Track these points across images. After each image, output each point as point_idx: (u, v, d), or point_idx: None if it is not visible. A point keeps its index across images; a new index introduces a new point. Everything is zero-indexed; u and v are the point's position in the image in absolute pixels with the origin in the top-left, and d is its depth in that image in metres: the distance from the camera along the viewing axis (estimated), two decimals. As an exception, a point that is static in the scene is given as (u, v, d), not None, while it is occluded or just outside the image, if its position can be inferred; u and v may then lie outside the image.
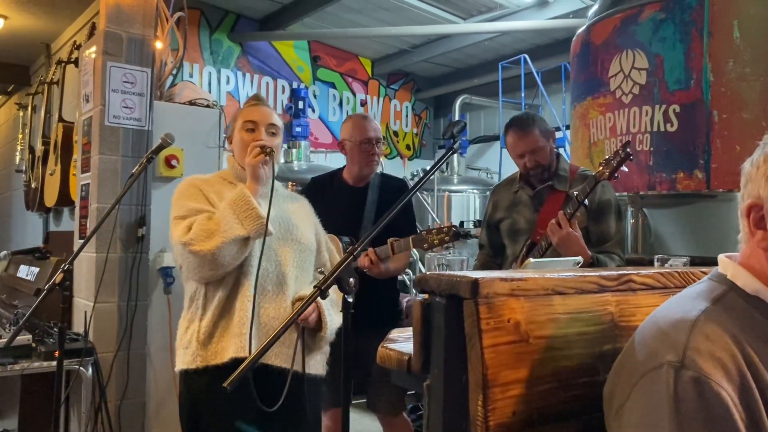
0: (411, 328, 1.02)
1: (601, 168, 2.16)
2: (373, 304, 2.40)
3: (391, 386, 2.43)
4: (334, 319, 1.95)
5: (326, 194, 2.78)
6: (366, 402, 2.71)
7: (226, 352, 1.79)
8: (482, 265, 2.68)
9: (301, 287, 1.98)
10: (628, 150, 2.12)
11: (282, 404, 1.81)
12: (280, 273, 1.92)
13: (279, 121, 2.03)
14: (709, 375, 0.78)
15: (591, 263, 2.20)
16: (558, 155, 2.52)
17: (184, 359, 1.86)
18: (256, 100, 2.05)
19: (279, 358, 1.86)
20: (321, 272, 1.66)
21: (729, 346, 0.81)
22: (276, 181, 2.00)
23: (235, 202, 1.80)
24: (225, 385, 1.22)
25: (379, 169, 2.86)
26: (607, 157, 2.17)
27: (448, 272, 1.01)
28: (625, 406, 0.85)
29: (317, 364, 2.01)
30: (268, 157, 1.87)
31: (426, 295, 1.00)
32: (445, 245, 2.30)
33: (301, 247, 2.00)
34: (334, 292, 1.90)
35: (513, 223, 2.52)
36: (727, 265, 0.93)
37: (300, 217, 2.08)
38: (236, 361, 1.73)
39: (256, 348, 1.72)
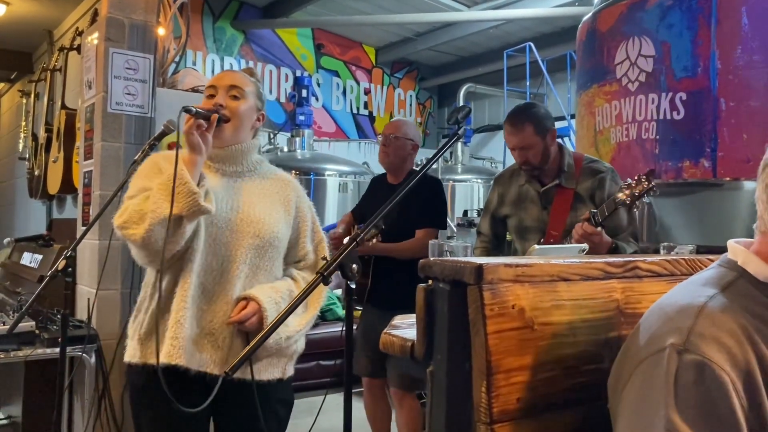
0: (414, 315, 1.01)
1: (622, 194, 2.06)
2: (399, 284, 2.62)
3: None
4: (289, 325, 1.76)
5: (373, 190, 3.21)
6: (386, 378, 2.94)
7: (163, 355, 1.62)
8: (485, 254, 2.66)
9: (254, 286, 1.75)
10: (653, 184, 2.01)
11: (231, 414, 1.72)
12: (226, 271, 1.71)
13: (247, 83, 1.79)
14: (712, 359, 0.77)
15: (613, 248, 2.17)
16: (561, 148, 2.45)
17: (128, 351, 1.73)
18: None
19: (217, 365, 1.67)
20: (324, 259, 1.59)
21: (736, 332, 0.80)
22: (257, 155, 1.86)
23: (168, 177, 1.58)
24: (227, 371, 1.20)
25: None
26: (629, 181, 2.07)
27: (452, 258, 1.00)
28: (626, 388, 0.84)
29: (272, 369, 1.79)
30: (202, 121, 1.63)
31: (429, 281, 0.99)
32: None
33: (260, 242, 1.74)
34: (302, 306, 1.75)
35: (521, 221, 2.49)
36: (737, 251, 0.91)
37: (270, 203, 1.82)
38: (168, 367, 1.60)
39: (184, 355, 1.61)
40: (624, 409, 0.84)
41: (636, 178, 2.05)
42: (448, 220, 7.58)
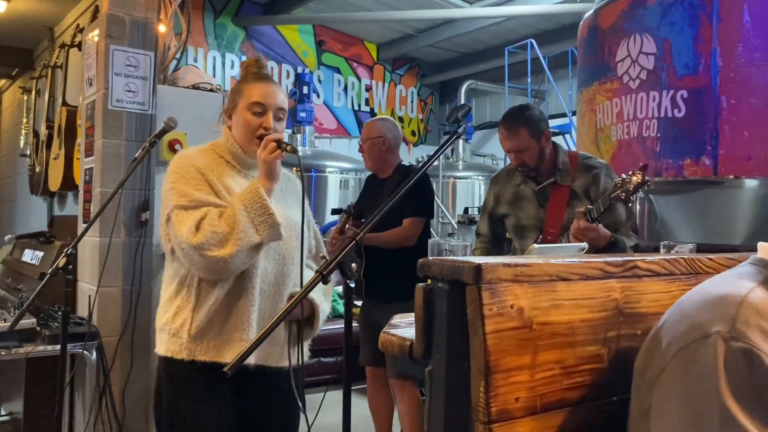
0: (413, 314, 1.02)
1: (617, 190, 2.06)
2: (392, 277, 2.77)
3: None
4: (325, 309, 1.91)
5: (367, 187, 3.32)
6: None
7: (223, 355, 1.73)
8: (485, 254, 2.67)
9: (297, 283, 1.89)
10: (647, 178, 2.02)
11: (274, 401, 1.84)
12: (280, 272, 1.83)
13: (286, 102, 1.90)
14: (759, 346, 0.78)
15: (613, 242, 2.17)
16: (555, 146, 2.47)
17: (170, 347, 1.76)
18: (262, 72, 1.90)
19: (272, 357, 1.81)
20: (323, 257, 1.62)
21: None
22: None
23: (250, 203, 1.68)
24: (226, 370, 1.21)
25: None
26: (623, 176, 2.08)
27: (450, 257, 1.00)
28: (663, 376, 0.84)
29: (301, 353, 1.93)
30: (284, 153, 1.75)
31: (428, 281, 0.99)
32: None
33: (297, 243, 1.86)
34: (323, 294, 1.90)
35: (518, 220, 2.51)
36: None
37: (294, 204, 1.94)
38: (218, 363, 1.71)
39: (254, 354, 1.69)
40: (666, 396, 0.83)
41: (630, 173, 2.05)
42: (449, 217, 7.59)
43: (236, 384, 1.79)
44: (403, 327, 1.14)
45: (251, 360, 1.73)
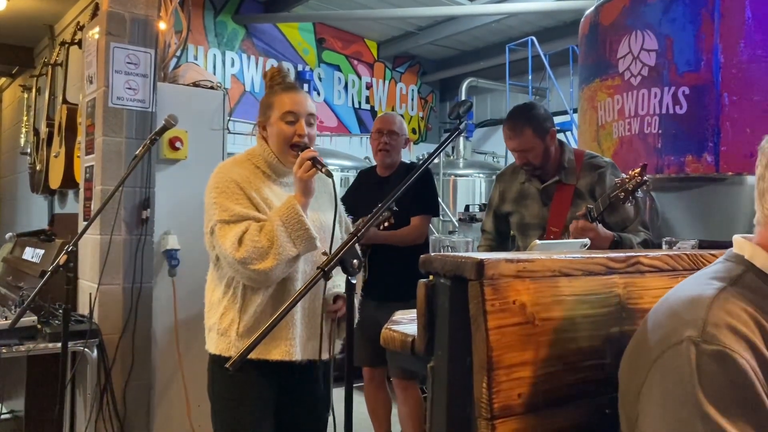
0: (415, 310, 1.01)
1: (616, 190, 2.06)
2: (395, 276, 2.76)
3: None
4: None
5: (363, 183, 3.25)
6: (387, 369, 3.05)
7: (270, 353, 1.86)
8: (489, 252, 2.67)
9: (335, 281, 1.98)
10: (646, 178, 2.01)
11: (309, 391, 1.99)
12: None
13: (314, 107, 2.00)
14: (731, 347, 0.78)
15: (616, 241, 2.17)
16: (562, 144, 2.45)
17: (219, 345, 1.89)
18: (287, 82, 2.00)
19: (315, 352, 1.93)
20: (324, 254, 1.63)
21: (748, 321, 0.81)
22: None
23: (287, 219, 1.81)
24: (228, 365, 1.22)
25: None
26: (623, 176, 2.07)
27: (453, 254, 1.00)
28: (644, 386, 0.84)
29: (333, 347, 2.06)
30: (322, 170, 1.83)
31: (431, 277, 0.99)
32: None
33: (334, 244, 1.96)
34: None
35: (522, 218, 2.50)
36: (743, 245, 0.92)
37: (327, 205, 2.03)
38: (282, 362, 1.87)
39: (300, 352, 1.89)
40: (648, 406, 0.83)
41: (630, 173, 2.04)
42: (450, 215, 7.58)
43: (282, 378, 1.93)
44: (405, 323, 1.14)
45: (298, 356, 1.88)
